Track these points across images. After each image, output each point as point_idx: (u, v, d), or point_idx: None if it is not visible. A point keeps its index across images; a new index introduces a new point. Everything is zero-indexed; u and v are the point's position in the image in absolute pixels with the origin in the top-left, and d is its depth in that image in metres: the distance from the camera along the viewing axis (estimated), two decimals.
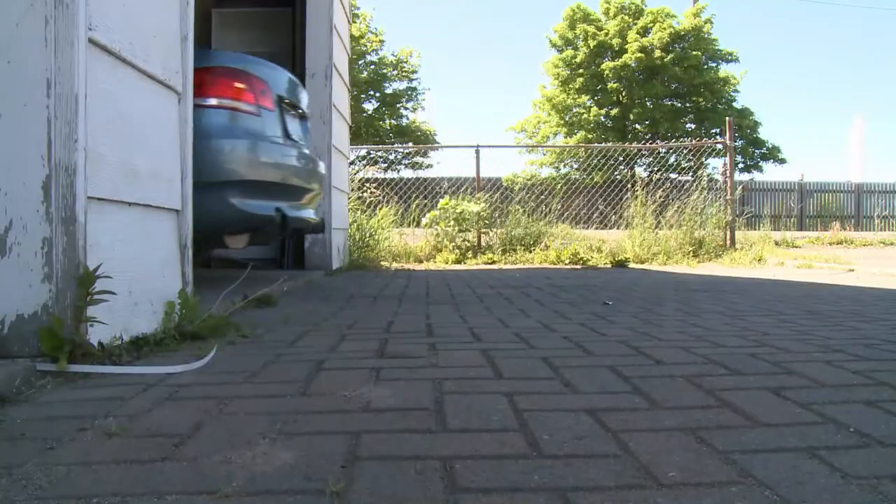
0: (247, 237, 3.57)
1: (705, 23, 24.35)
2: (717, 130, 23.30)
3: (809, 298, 3.40)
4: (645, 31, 24.12)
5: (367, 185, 8.54)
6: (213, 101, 3.07)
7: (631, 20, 24.45)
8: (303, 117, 3.95)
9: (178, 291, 2.12)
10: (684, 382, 1.46)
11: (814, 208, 21.22)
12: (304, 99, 4.00)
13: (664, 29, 23.71)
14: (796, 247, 9.88)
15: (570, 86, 24.50)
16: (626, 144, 13.92)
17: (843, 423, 1.16)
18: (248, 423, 1.17)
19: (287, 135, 3.57)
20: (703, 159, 9.41)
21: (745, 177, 23.66)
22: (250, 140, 3.14)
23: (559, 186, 10.58)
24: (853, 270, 6.03)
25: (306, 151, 3.85)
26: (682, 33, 24.12)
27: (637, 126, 24.66)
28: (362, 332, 2.21)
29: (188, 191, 2.25)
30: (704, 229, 7.76)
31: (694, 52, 23.79)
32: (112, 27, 1.74)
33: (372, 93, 23.30)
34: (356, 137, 16.94)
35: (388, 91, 23.57)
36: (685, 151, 9.04)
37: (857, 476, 0.92)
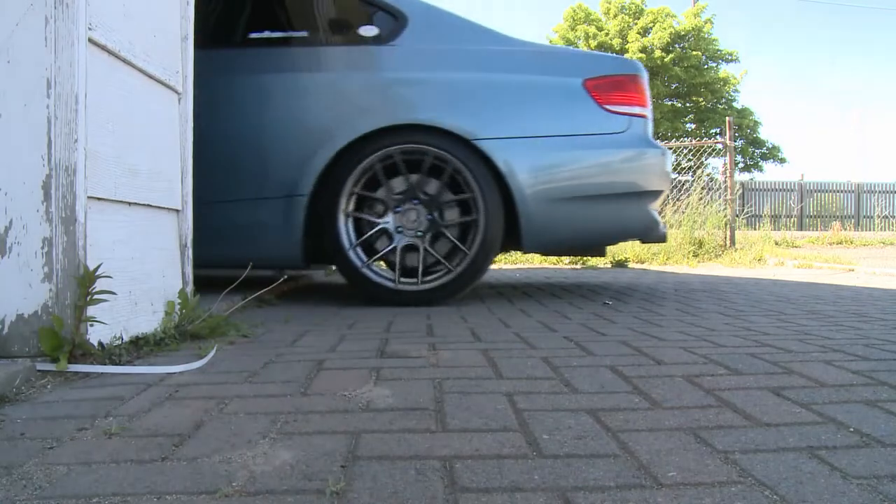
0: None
1: (705, 23, 24.36)
2: (717, 130, 23.31)
3: (809, 298, 3.40)
4: (645, 32, 24.13)
5: None
6: (637, 111, 3.03)
7: (631, 20, 24.46)
8: None
9: (178, 291, 2.12)
10: (684, 382, 1.46)
11: (814, 208, 21.21)
12: None
13: (664, 29, 23.72)
14: (796, 246, 9.88)
15: None
16: None
17: (843, 423, 1.16)
18: (248, 423, 1.17)
19: None
20: (703, 159, 9.41)
21: (746, 176, 23.70)
22: (660, 149, 3.12)
23: None
24: (853, 270, 6.04)
25: None
26: (683, 33, 24.13)
27: None
28: (362, 332, 2.22)
29: (188, 190, 2.25)
30: (704, 229, 7.76)
31: (694, 52, 23.81)
32: (112, 27, 1.74)
33: None
34: None
35: None
36: (685, 151, 9.03)
37: (857, 476, 0.92)
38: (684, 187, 8.42)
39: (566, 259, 7.02)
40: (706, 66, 24.37)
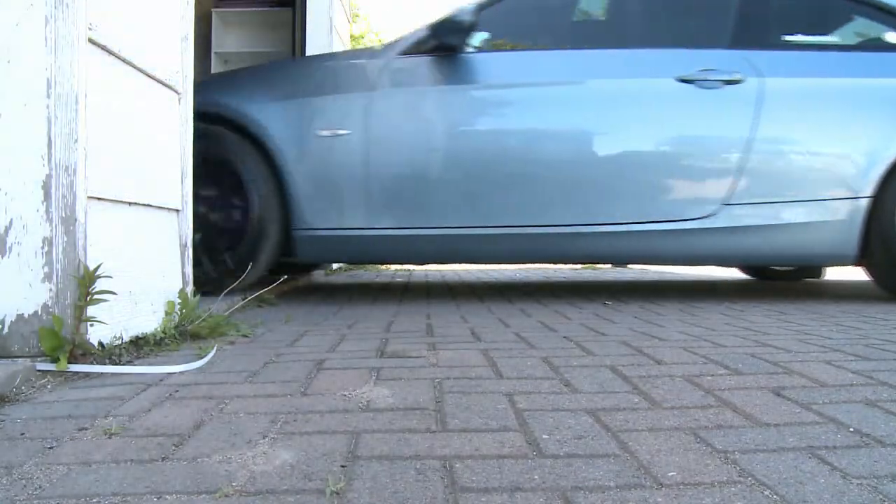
0: None
1: None
2: None
3: (809, 298, 3.41)
4: None
5: None
6: None
7: None
8: None
9: (178, 291, 2.12)
10: (684, 382, 1.46)
11: None
12: None
13: None
14: None
15: None
16: None
17: (843, 423, 1.16)
18: (248, 423, 1.17)
19: None
20: None
21: None
22: None
23: None
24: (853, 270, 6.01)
25: None
26: None
27: None
28: (362, 332, 2.22)
29: (188, 190, 2.25)
30: None
31: None
32: (112, 27, 1.74)
33: None
34: None
35: None
36: None
37: (857, 476, 0.92)
38: None
39: None
40: None
